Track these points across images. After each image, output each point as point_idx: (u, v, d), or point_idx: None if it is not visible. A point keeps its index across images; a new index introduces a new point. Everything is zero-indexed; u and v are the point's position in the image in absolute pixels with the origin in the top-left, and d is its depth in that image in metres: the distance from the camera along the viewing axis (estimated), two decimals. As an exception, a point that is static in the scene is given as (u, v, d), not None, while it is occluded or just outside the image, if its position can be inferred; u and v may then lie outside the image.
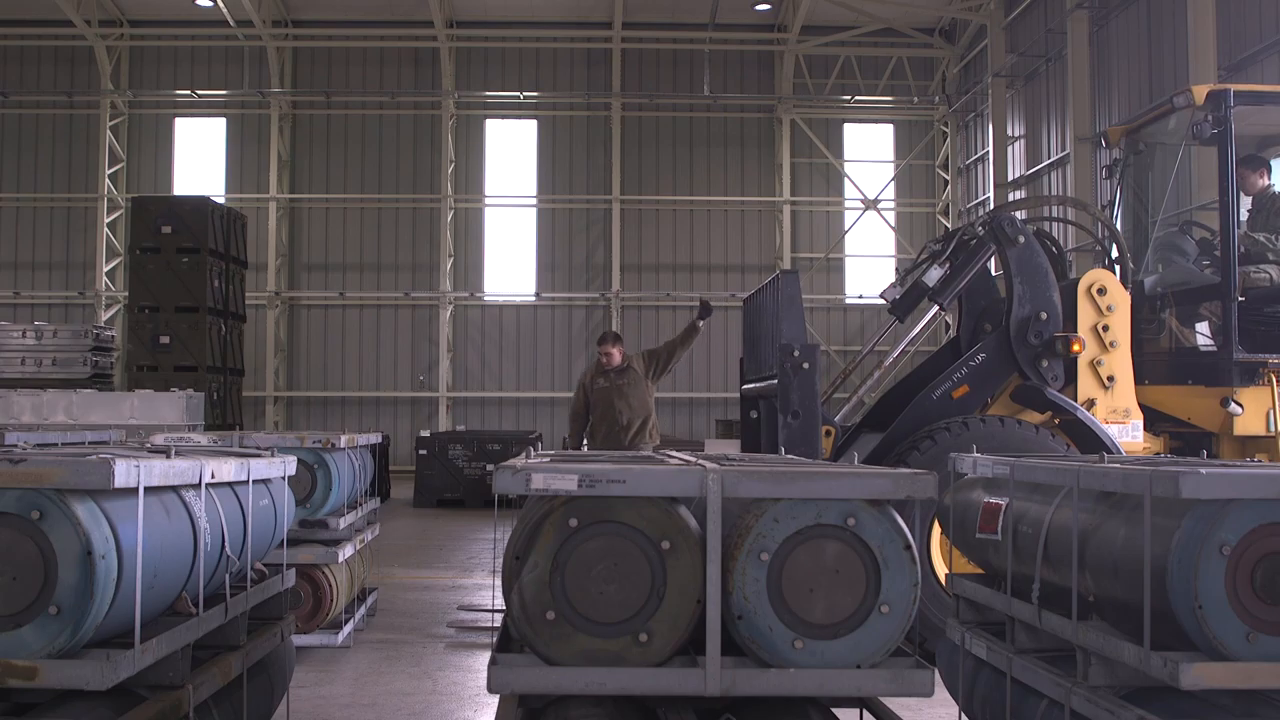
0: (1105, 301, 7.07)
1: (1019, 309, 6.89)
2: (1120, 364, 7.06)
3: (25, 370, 16.79)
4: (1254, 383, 7.02)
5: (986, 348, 6.99)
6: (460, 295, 22.38)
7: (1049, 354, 6.87)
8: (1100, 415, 6.97)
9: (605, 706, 2.89)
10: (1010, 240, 6.96)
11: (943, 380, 6.93)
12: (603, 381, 8.82)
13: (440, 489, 16.82)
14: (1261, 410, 7.00)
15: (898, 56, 22.57)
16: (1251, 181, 7.75)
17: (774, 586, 2.81)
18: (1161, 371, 7.48)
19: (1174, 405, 7.38)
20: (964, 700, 4.08)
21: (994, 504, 3.84)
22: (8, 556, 2.83)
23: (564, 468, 2.85)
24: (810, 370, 6.41)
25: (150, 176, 22.57)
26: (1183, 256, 7.86)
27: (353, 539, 6.67)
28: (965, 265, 7.10)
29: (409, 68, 22.74)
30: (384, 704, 5.51)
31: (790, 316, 6.67)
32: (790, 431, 6.34)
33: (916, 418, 6.79)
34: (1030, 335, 6.86)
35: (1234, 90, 7.19)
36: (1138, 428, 7.05)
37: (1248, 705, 2.97)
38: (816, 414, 6.40)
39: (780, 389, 6.44)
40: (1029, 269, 6.96)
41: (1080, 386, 7.01)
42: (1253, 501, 2.77)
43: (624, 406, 8.75)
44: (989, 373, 6.94)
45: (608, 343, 8.94)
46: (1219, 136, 7.14)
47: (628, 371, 8.85)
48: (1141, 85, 15.68)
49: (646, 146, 22.71)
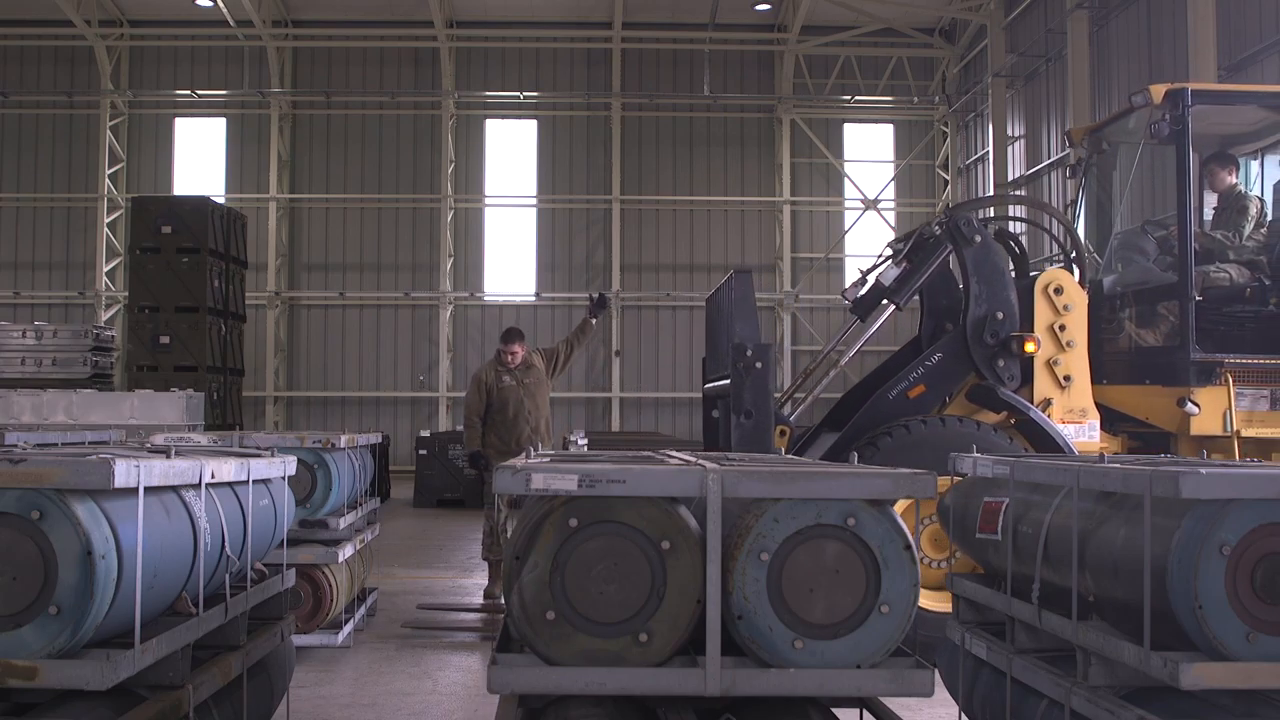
0: (1062, 301, 7.06)
1: (975, 308, 6.86)
2: (1077, 364, 7.05)
3: (25, 370, 16.79)
4: (1211, 383, 7.00)
5: (943, 347, 6.96)
6: (460, 295, 22.38)
7: (1005, 354, 6.84)
8: (1057, 415, 6.95)
9: (605, 706, 2.89)
10: (967, 240, 6.94)
11: (899, 380, 6.91)
12: (509, 380, 8.53)
13: (440, 489, 16.82)
14: (1218, 410, 6.98)
15: (898, 56, 22.57)
16: (1220, 178, 7.74)
17: (774, 586, 2.81)
18: (1120, 371, 7.47)
19: (1132, 405, 7.36)
20: (964, 700, 4.08)
21: (994, 504, 3.84)
22: (8, 556, 2.83)
23: (564, 468, 2.85)
24: (763, 370, 6.35)
25: (150, 176, 22.57)
26: (1142, 256, 7.85)
27: (353, 539, 6.67)
28: (921, 265, 7.08)
29: (409, 68, 22.74)
30: (384, 704, 5.52)
31: (743, 316, 6.62)
32: (742, 431, 6.28)
33: (872, 417, 6.76)
34: (986, 335, 6.83)
35: (1191, 90, 7.17)
36: (1094, 428, 7.04)
37: (1248, 705, 2.97)
38: (769, 413, 6.34)
39: (733, 389, 6.38)
40: (986, 268, 6.94)
41: (1037, 386, 6.99)
42: (1253, 501, 2.77)
43: (532, 406, 8.54)
44: (946, 372, 6.91)
45: (514, 340, 8.64)
46: (1176, 136, 7.13)
47: (531, 369, 8.63)
48: (1141, 85, 15.66)
49: (646, 146, 22.71)
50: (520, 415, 8.52)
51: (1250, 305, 7.25)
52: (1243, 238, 7.44)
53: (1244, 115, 7.73)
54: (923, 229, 7.45)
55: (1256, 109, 7.66)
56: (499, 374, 8.61)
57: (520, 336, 8.73)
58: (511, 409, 8.52)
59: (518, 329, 8.92)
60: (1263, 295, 7.24)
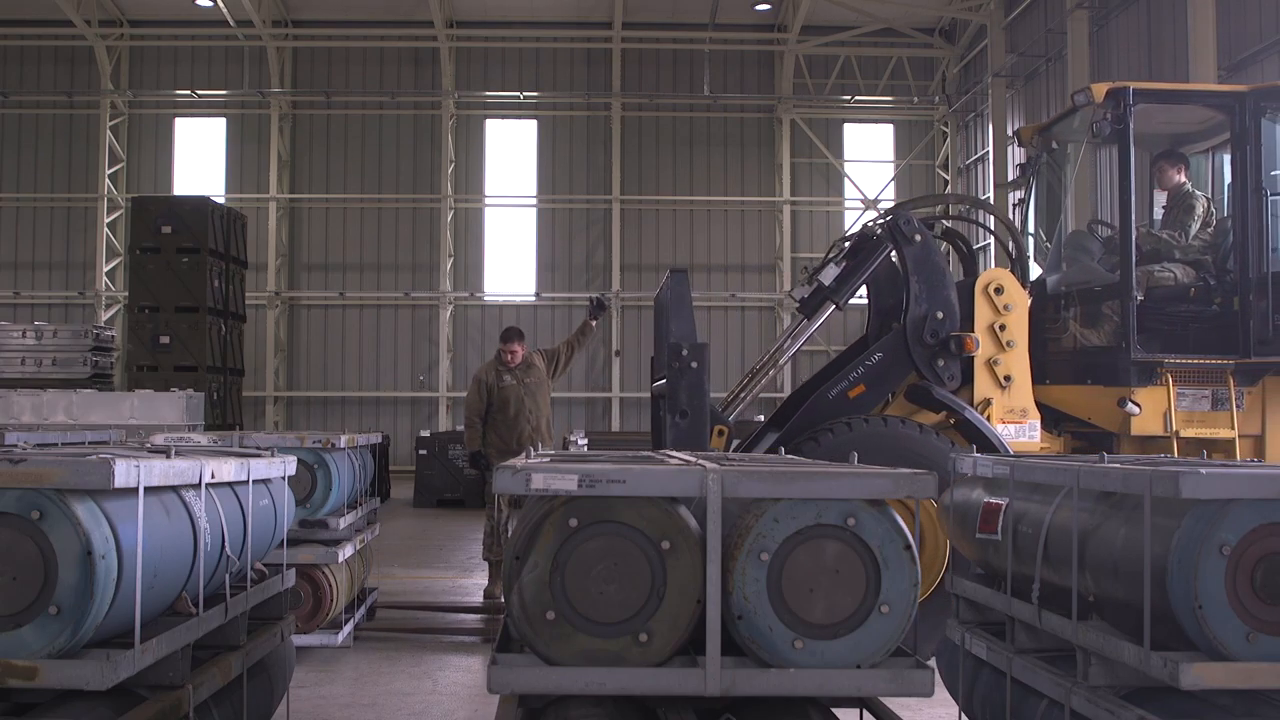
0: (1002, 301, 7.03)
1: (915, 308, 6.83)
2: (1017, 363, 7.02)
3: (25, 370, 16.79)
4: (1151, 383, 6.97)
5: (883, 347, 6.94)
6: (460, 295, 22.38)
7: (945, 353, 6.80)
8: (997, 415, 6.93)
9: (605, 706, 2.89)
10: (907, 239, 6.91)
11: (839, 380, 6.88)
12: (510, 380, 8.53)
13: (440, 489, 16.82)
14: (1159, 410, 6.95)
15: (898, 56, 22.57)
16: (1169, 177, 7.70)
17: (774, 586, 2.81)
18: (1063, 371, 7.43)
19: (1075, 405, 7.34)
20: (964, 700, 4.08)
21: (994, 504, 3.84)
22: (8, 556, 2.83)
23: (564, 468, 2.85)
24: (699, 369, 6.32)
25: (150, 176, 22.57)
26: (1087, 255, 7.83)
27: (353, 539, 6.67)
28: (861, 264, 7.06)
29: (409, 68, 22.74)
30: (384, 704, 5.51)
31: (680, 315, 6.60)
32: (678, 431, 6.24)
33: (811, 417, 6.73)
34: (926, 334, 6.80)
35: (1134, 88, 7.14)
36: (1035, 428, 7.02)
37: (1248, 705, 2.97)
38: (704, 413, 6.30)
39: (669, 388, 6.34)
40: (926, 268, 6.91)
41: (977, 386, 6.97)
42: (1253, 501, 2.77)
43: (533, 406, 8.54)
44: (886, 372, 6.88)
45: (513, 340, 8.65)
46: (1118, 135, 7.11)
47: (532, 369, 8.63)
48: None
49: (646, 146, 22.71)
50: (521, 415, 8.50)
51: (1195, 305, 7.21)
52: (1189, 237, 7.39)
53: (1192, 114, 7.66)
54: (865, 228, 7.41)
55: (1203, 108, 7.58)
56: (499, 374, 8.59)
57: (520, 336, 8.72)
58: (512, 408, 8.51)
59: (517, 328, 8.92)
60: (1207, 295, 7.20)
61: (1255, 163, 7.01)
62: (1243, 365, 6.97)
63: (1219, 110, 7.37)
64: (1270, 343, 6.87)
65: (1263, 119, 7.06)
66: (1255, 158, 7.02)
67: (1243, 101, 7.11)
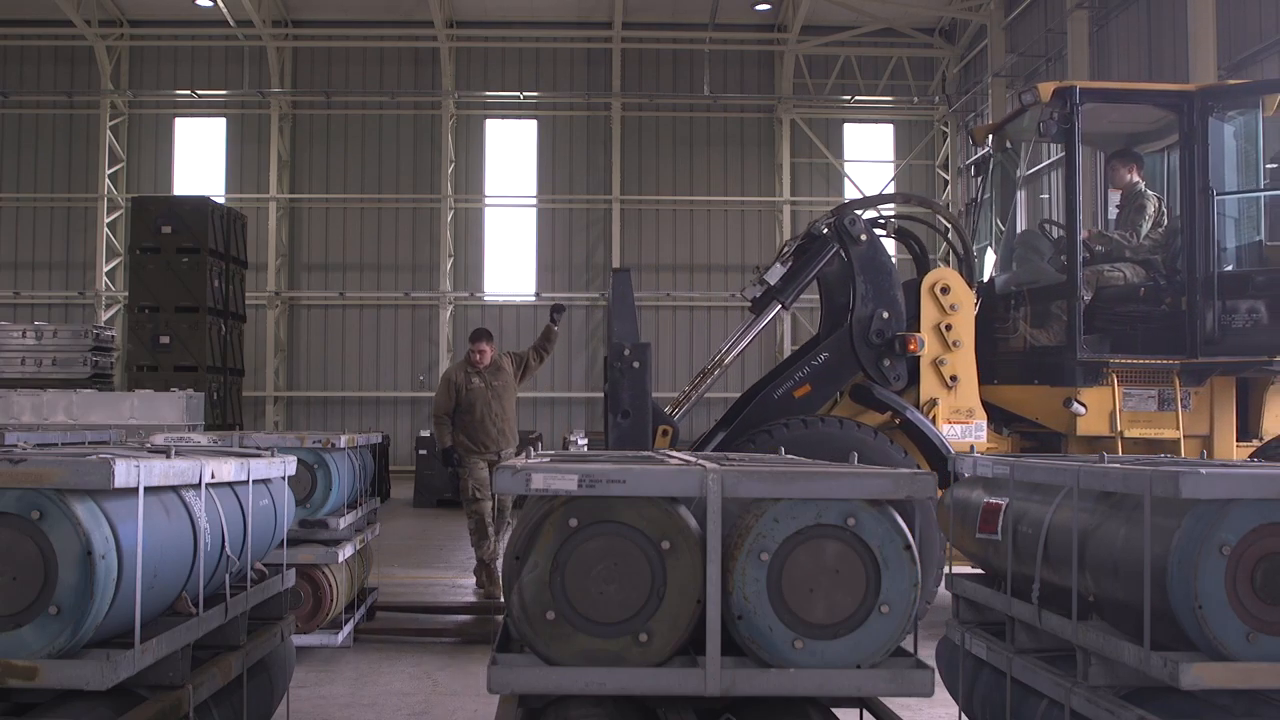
0: (949, 300, 7.01)
1: (861, 308, 6.81)
2: (963, 364, 7.00)
3: (25, 370, 16.79)
4: (1097, 383, 6.97)
5: (829, 347, 6.90)
6: (460, 295, 22.38)
7: (890, 353, 6.78)
8: (943, 415, 6.91)
9: (605, 706, 2.88)
10: (853, 239, 6.89)
11: (785, 380, 6.86)
12: (478, 381, 8.62)
13: (440, 489, 16.80)
14: (1105, 411, 6.95)
15: (898, 56, 22.57)
16: (1120, 176, 7.68)
17: (774, 586, 2.81)
18: (1012, 371, 7.42)
19: (1023, 405, 7.33)
20: (964, 700, 4.08)
21: (994, 504, 3.84)
22: (8, 556, 2.83)
23: (564, 468, 2.85)
24: (641, 369, 6.28)
25: (150, 176, 22.57)
26: (1037, 255, 7.81)
27: (353, 539, 6.67)
28: (807, 264, 7.02)
29: (409, 68, 22.74)
30: (384, 704, 5.51)
31: (622, 315, 6.57)
32: (620, 431, 6.19)
33: (756, 417, 6.70)
34: (872, 334, 6.77)
35: (1080, 88, 7.13)
36: (981, 428, 7.00)
37: (1248, 705, 2.97)
38: (647, 413, 6.25)
39: (610, 388, 6.31)
40: (872, 267, 6.88)
41: (923, 386, 6.95)
42: (1253, 501, 2.77)
43: (499, 409, 8.63)
44: (832, 372, 6.85)
45: (482, 340, 8.72)
46: (1065, 134, 7.09)
47: (501, 372, 8.71)
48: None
49: (646, 146, 22.70)
50: (487, 417, 8.58)
51: (1144, 305, 7.20)
52: (1140, 237, 7.36)
53: (1146, 113, 7.62)
54: (812, 228, 7.38)
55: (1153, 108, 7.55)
56: (468, 375, 8.68)
57: (488, 336, 8.80)
58: (478, 410, 8.59)
59: (486, 329, 9.00)
60: (1157, 295, 7.19)
61: (1203, 162, 6.98)
62: (1189, 365, 6.94)
63: (1167, 109, 7.32)
64: (1217, 343, 6.86)
65: (1210, 118, 7.03)
66: (1203, 157, 6.99)
67: (1190, 101, 7.08)
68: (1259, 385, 7.25)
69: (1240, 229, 7.35)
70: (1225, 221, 7.22)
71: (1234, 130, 7.30)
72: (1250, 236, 7.38)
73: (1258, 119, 7.28)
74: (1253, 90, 7.44)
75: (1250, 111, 7.27)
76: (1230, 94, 7.26)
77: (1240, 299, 6.88)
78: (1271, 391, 7.24)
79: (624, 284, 6.69)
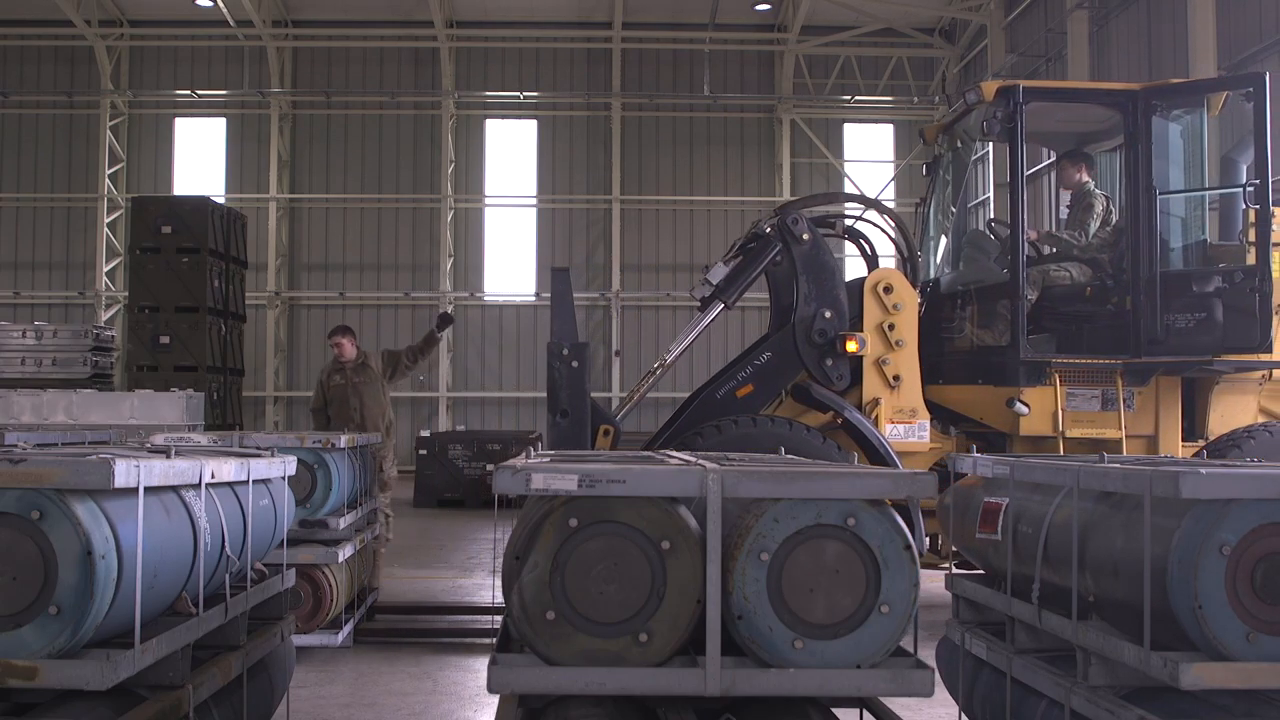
0: (891, 300, 6.98)
1: (804, 307, 6.76)
2: (906, 363, 6.97)
3: (25, 370, 16.78)
4: (1040, 383, 6.94)
5: (772, 346, 6.87)
6: (460, 295, 22.38)
7: (833, 353, 6.75)
8: (886, 415, 6.87)
9: (605, 706, 2.88)
10: (795, 238, 6.87)
11: (728, 379, 6.81)
12: (339, 379, 8.76)
13: (440, 489, 16.81)
14: (1048, 411, 6.92)
15: (898, 56, 22.57)
16: (1069, 175, 7.66)
17: (774, 586, 2.81)
18: (957, 371, 7.38)
19: (968, 405, 7.30)
20: (964, 700, 4.08)
21: (994, 504, 3.84)
22: (8, 556, 2.83)
23: (564, 468, 2.85)
24: (580, 369, 6.23)
25: (150, 176, 22.57)
26: (984, 255, 7.79)
27: (353, 539, 6.67)
28: (749, 263, 7.00)
29: (409, 68, 22.74)
30: (384, 704, 5.51)
31: (560, 315, 6.53)
32: (558, 431, 6.13)
33: (698, 417, 6.66)
34: (814, 334, 6.73)
35: (1023, 86, 7.10)
36: (924, 428, 6.97)
37: (1248, 705, 2.97)
38: (585, 413, 6.20)
39: (549, 388, 6.25)
40: (815, 267, 6.84)
41: (865, 386, 6.91)
42: (1253, 501, 2.77)
43: (358, 405, 8.73)
44: (775, 372, 6.80)
45: (338, 334, 8.84)
46: (1009, 133, 7.07)
47: (364, 369, 8.83)
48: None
49: (646, 146, 22.70)
50: (345, 412, 8.74)
51: (1090, 305, 7.18)
52: (1089, 236, 7.34)
53: (1096, 113, 7.58)
54: (755, 227, 7.35)
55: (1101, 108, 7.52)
56: (330, 373, 8.90)
57: (345, 331, 8.95)
58: (336, 406, 8.78)
59: (344, 325, 9.22)
60: (1103, 295, 7.17)
61: (1146, 161, 6.95)
62: (1131, 365, 6.91)
63: (1112, 109, 7.29)
64: (1160, 343, 6.83)
65: (1154, 117, 7.01)
66: (1146, 156, 6.96)
67: (1135, 100, 7.05)
68: (1205, 385, 7.22)
69: (1187, 228, 7.33)
70: (1171, 221, 7.19)
71: (1181, 130, 7.29)
72: (1196, 236, 7.36)
73: (1203, 118, 7.27)
74: (1196, 89, 7.43)
75: (1195, 110, 7.26)
76: (1174, 93, 7.23)
77: (1184, 298, 6.85)
78: (1217, 392, 7.20)
79: (562, 283, 6.66)
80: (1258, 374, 7.16)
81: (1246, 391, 7.26)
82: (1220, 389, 7.20)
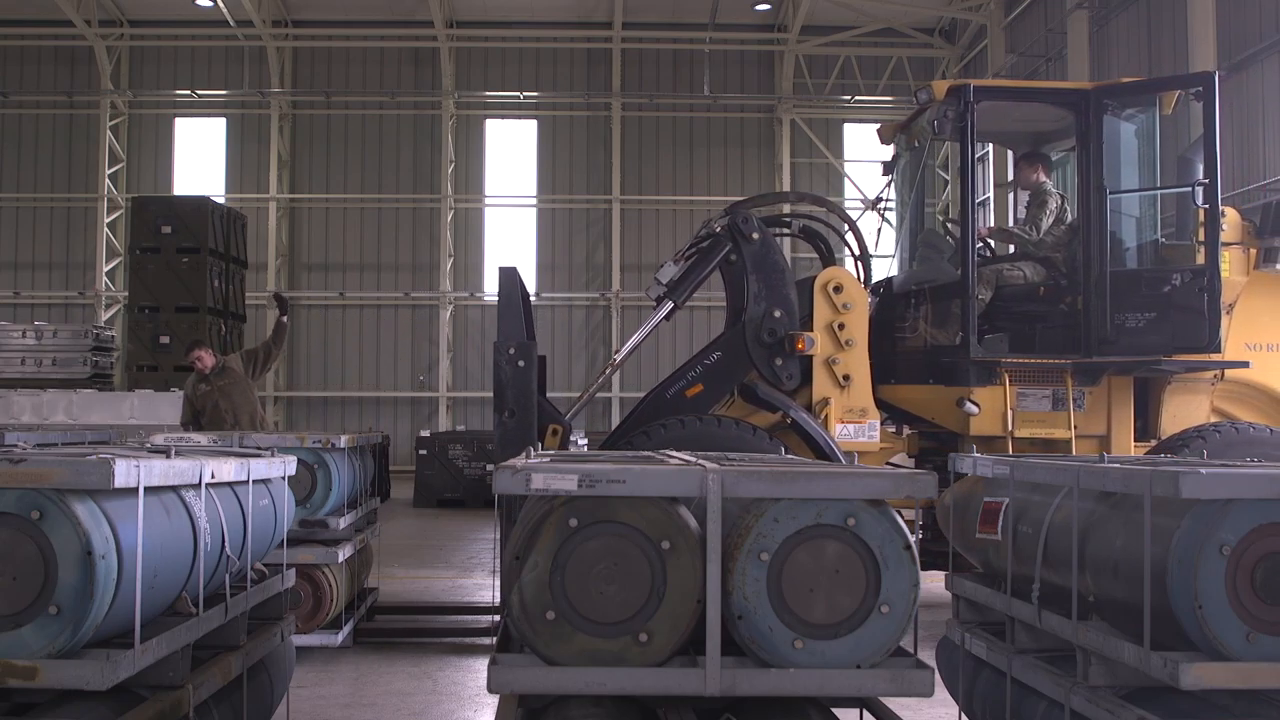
0: (841, 299, 6.96)
1: (754, 306, 6.71)
2: (856, 363, 6.95)
3: (25, 370, 16.77)
4: (991, 383, 6.93)
5: (722, 346, 6.82)
6: (460, 295, 22.38)
7: (782, 353, 6.72)
8: (836, 415, 6.84)
9: (605, 706, 2.88)
10: (745, 237, 6.85)
11: (678, 379, 6.77)
12: (205, 386, 9.20)
13: (440, 489, 16.82)
14: (998, 410, 6.90)
15: (898, 56, 22.57)
16: (1027, 175, 7.66)
17: (774, 586, 2.81)
18: (909, 370, 7.35)
19: (919, 405, 7.29)
20: (964, 700, 4.08)
21: (994, 504, 3.84)
22: (8, 556, 2.83)
23: (564, 468, 2.85)
24: (526, 368, 6.20)
25: (150, 176, 22.57)
26: (937, 253, 7.78)
27: (353, 539, 6.67)
28: (699, 263, 6.99)
29: (409, 68, 22.74)
30: (384, 704, 5.51)
31: (507, 314, 6.49)
32: (505, 431, 6.06)
33: (646, 416, 6.63)
34: (764, 333, 6.70)
35: (974, 86, 7.08)
36: (875, 428, 6.94)
37: (1248, 705, 2.97)
38: (532, 412, 6.15)
39: (495, 387, 6.20)
40: (765, 266, 6.80)
41: (815, 386, 6.89)
42: (1253, 501, 2.77)
43: (229, 406, 9.11)
44: (725, 371, 6.75)
45: (195, 349, 9.42)
46: (959, 132, 7.06)
47: (226, 372, 9.26)
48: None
49: (646, 146, 22.71)
50: (218, 416, 9.09)
51: (1043, 304, 7.16)
52: (1040, 232, 7.32)
53: (1051, 113, 7.55)
54: (706, 226, 7.34)
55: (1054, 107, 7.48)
56: (195, 385, 9.33)
57: (198, 345, 9.60)
58: (209, 412, 9.15)
59: (198, 339, 9.90)
60: (1056, 294, 7.16)
61: (1097, 160, 6.94)
62: (1081, 365, 6.89)
63: (1063, 108, 7.27)
64: (1111, 342, 6.81)
65: (1105, 116, 7.00)
66: (1098, 155, 6.94)
67: (1086, 99, 7.04)
68: (1157, 385, 7.20)
69: (1140, 228, 7.32)
70: (1124, 220, 7.19)
71: (1135, 129, 7.28)
72: (1149, 236, 7.35)
73: (1155, 117, 7.25)
74: (1148, 88, 7.42)
75: (1148, 110, 7.24)
76: (1124, 92, 7.22)
77: (1134, 298, 6.84)
78: (1169, 392, 7.18)
79: (509, 282, 6.62)
80: (1209, 374, 7.15)
81: (1199, 391, 7.25)
82: (1172, 389, 7.18)
